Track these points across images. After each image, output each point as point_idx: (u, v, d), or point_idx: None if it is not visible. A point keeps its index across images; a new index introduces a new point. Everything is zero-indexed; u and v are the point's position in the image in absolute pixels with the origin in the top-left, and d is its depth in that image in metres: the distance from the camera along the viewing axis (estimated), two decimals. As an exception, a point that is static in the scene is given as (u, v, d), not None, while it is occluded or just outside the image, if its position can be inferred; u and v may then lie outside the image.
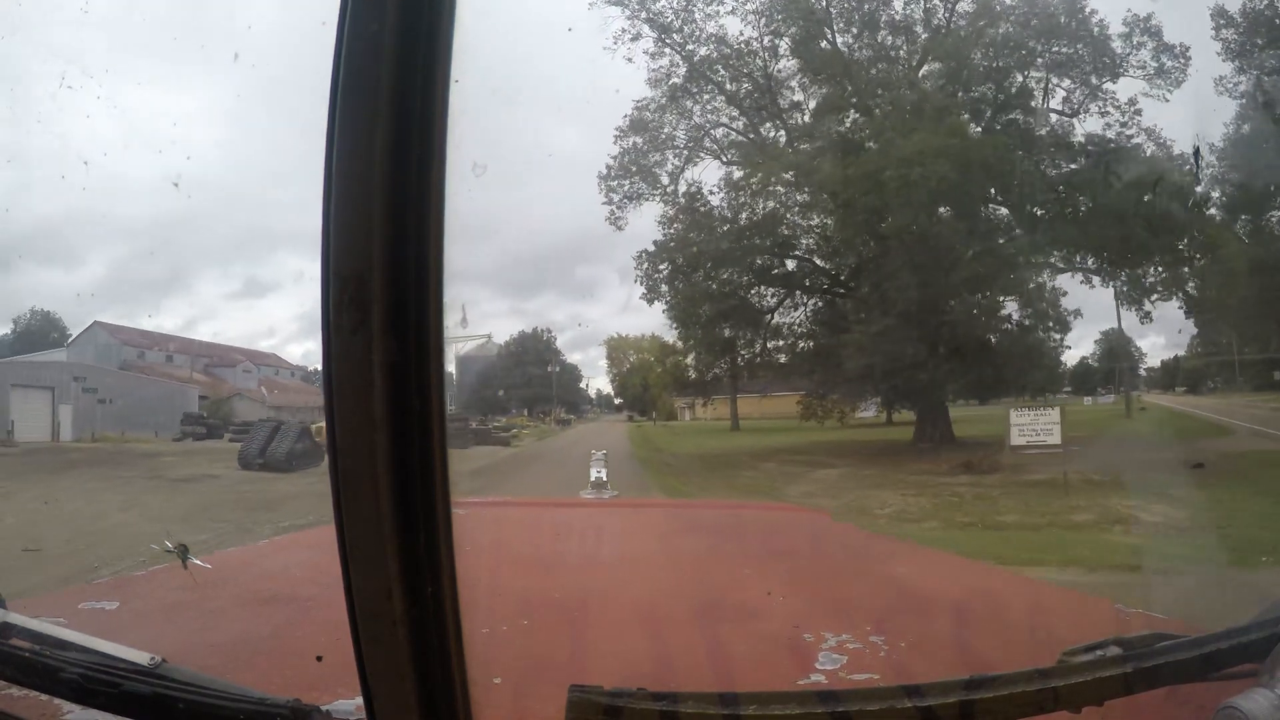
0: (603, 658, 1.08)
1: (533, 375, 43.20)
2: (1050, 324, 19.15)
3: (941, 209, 17.22)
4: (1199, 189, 16.76)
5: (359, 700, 0.57)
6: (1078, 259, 18.28)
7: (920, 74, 18.91)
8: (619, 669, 1.01)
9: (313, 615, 1.24)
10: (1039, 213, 17.74)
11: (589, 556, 1.96)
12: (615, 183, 20.74)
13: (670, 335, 22.67)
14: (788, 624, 1.18)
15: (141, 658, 0.78)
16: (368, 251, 0.48)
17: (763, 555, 1.95)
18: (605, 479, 2.82)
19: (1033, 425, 12.62)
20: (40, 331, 39.19)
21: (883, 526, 9.06)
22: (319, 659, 0.97)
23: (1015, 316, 19.09)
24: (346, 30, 0.48)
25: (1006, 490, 12.37)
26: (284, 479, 15.34)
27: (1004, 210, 18.55)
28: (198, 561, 1.38)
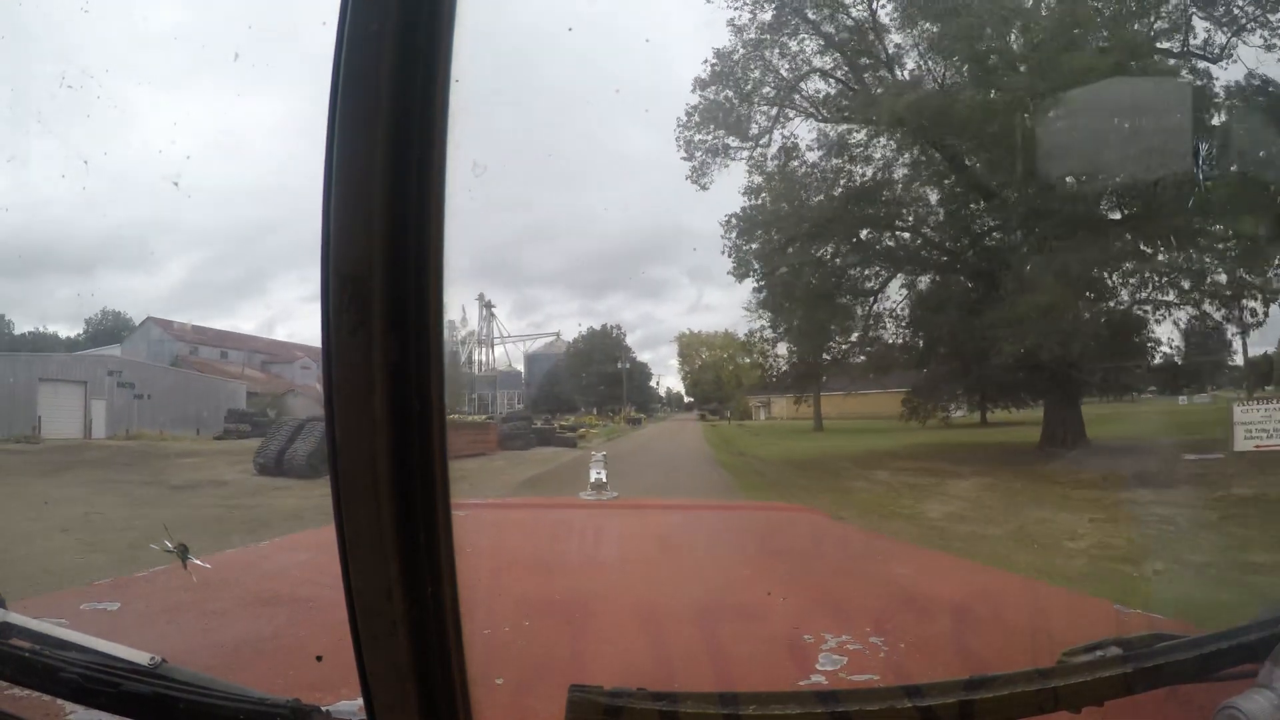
0: (603, 658, 1.08)
1: (602, 373, 41.89)
2: (1257, 294, 14.58)
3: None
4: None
5: (359, 700, 0.57)
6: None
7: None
8: (619, 669, 1.01)
9: (313, 615, 1.24)
10: (1215, 165, 13.57)
11: (589, 557, 1.96)
12: (696, 136, 17.57)
13: (749, 325, 19.93)
14: (788, 624, 1.18)
15: (141, 658, 0.78)
16: (368, 251, 0.48)
17: (763, 555, 1.95)
18: (605, 480, 2.82)
19: (1264, 424, 10.26)
20: (111, 331, 39.24)
21: (1084, 568, 6.93)
22: (319, 659, 0.97)
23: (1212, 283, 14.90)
24: (346, 30, 0.48)
25: (1225, 511, 9.02)
26: (298, 487, 13.43)
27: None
28: (197, 561, 1.38)
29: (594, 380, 41.84)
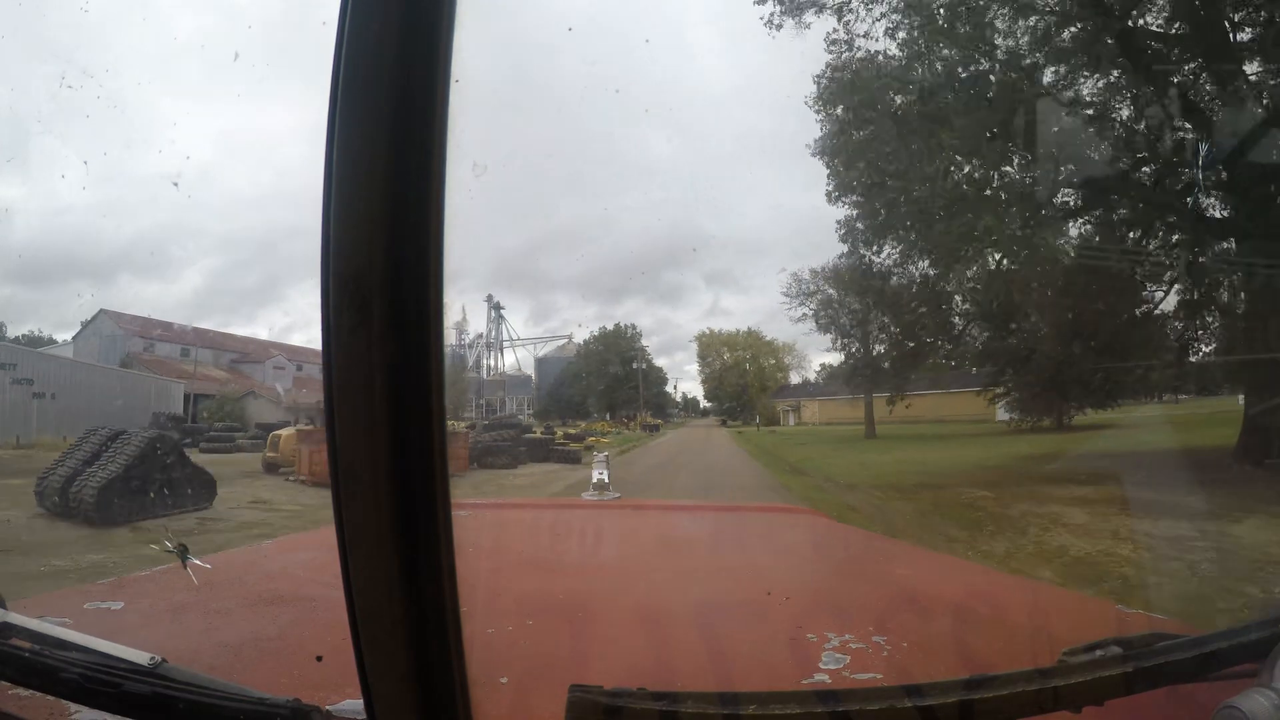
0: (603, 658, 1.08)
1: (616, 376, 39.14)
2: None
3: None
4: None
5: (359, 700, 0.57)
6: None
7: None
8: (619, 669, 1.01)
9: (313, 615, 1.24)
10: None
11: (589, 557, 1.96)
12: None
13: (806, 307, 16.20)
14: (789, 624, 1.18)
15: (141, 658, 0.78)
16: (368, 251, 0.48)
17: (763, 555, 1.95)
18: (607, 480, 2.82)
19: None
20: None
21: None
22: (319, 659, 0.97)
23: None
24: (346, 30, 0.48)
25: None
26: (60, 546, 7.82)
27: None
28: (197, 561, 1.38)
29: (608, 383, 39.40)
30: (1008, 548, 8.12)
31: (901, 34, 11.83)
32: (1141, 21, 10.83)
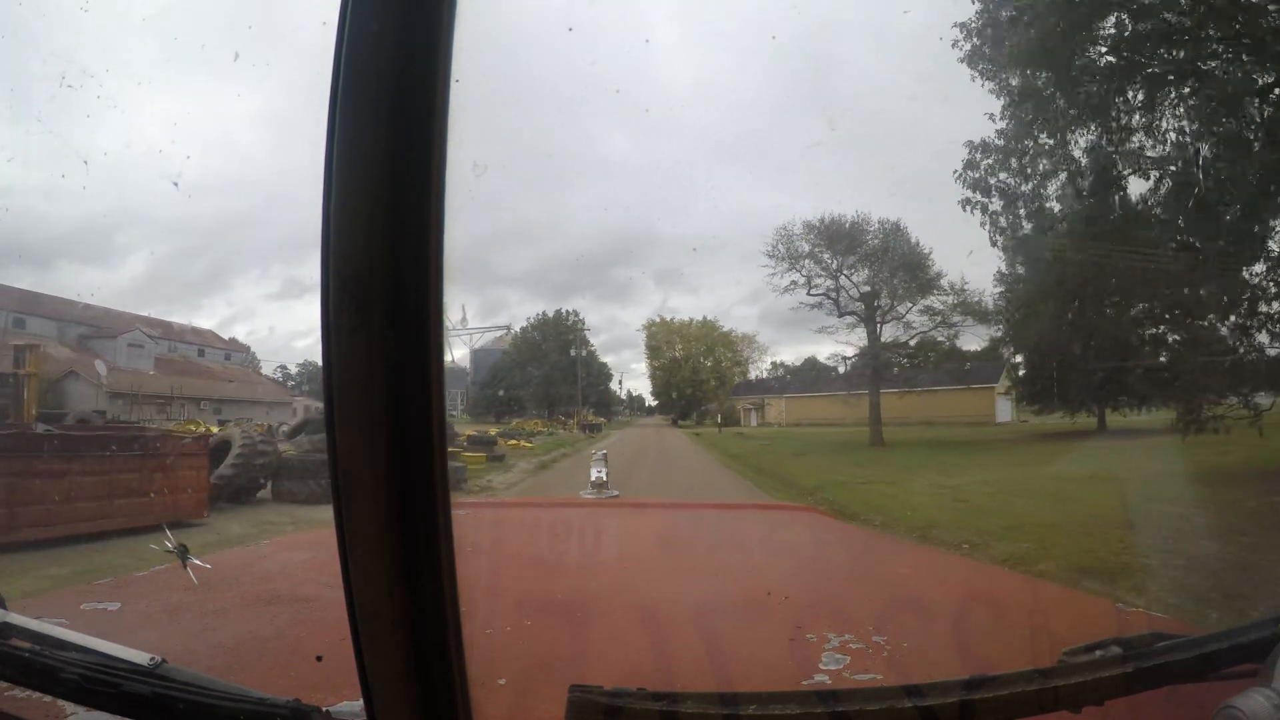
0: (603, 658, 1.08)
1: (556, 367, 34.92)
2: None
3: None
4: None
5: (359, 701, 0.57)
6: None
7: None
8: (619, 669, 1.01)
9: (313, 615, 1.24)
10: None
11: (589, 556, 1.96)
12: None
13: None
14: (789, 624, 1.18)
15: (141, 658, 0.78)
16: (368, 251, 0.48)
17: (763, 555, 1.95)
18: (606, 479, 2.82)
19: None
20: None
21: None
22: (319, 659, 0.97)
23: None
24: (347, 30, 0.49)
25: None
26: None
27: None
28: (197, 561, 1.38)
29: (549, 375, 34.98)
30: None
31: None
32: None
